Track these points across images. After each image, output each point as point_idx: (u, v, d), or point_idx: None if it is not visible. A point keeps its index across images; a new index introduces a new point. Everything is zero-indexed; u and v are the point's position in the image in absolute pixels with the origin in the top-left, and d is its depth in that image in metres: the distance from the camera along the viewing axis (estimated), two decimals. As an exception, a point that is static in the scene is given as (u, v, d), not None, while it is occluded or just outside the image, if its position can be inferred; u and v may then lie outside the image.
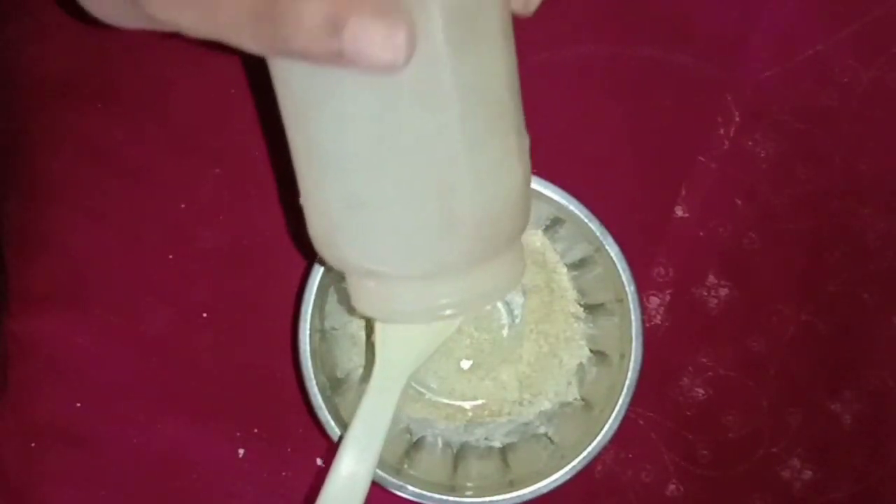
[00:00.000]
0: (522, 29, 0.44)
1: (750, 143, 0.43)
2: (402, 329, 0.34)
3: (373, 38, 0.21)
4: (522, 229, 0.30)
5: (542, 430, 0.40)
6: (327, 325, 0.38)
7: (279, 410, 0.42)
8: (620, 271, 0.37)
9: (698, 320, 0.43)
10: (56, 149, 0.43)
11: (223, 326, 0.42)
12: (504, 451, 0.40)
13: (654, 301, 0.43)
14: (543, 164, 0.40)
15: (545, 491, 0.36)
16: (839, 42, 0.44)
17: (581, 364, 0.40)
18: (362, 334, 0.40)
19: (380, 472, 0.36)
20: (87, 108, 0.43)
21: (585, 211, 0.37)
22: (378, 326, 0.35)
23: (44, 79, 0.43)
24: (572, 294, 0.40)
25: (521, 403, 0.40)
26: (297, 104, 0.27)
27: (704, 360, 0.43)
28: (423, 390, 0.41)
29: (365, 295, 0.31)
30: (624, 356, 0.37)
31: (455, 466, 0.39)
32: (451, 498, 0.36)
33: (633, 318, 0.36)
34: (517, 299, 0.41)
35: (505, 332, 0.41)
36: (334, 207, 0.28)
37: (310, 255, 0.39)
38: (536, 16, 0.44)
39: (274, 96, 0.29)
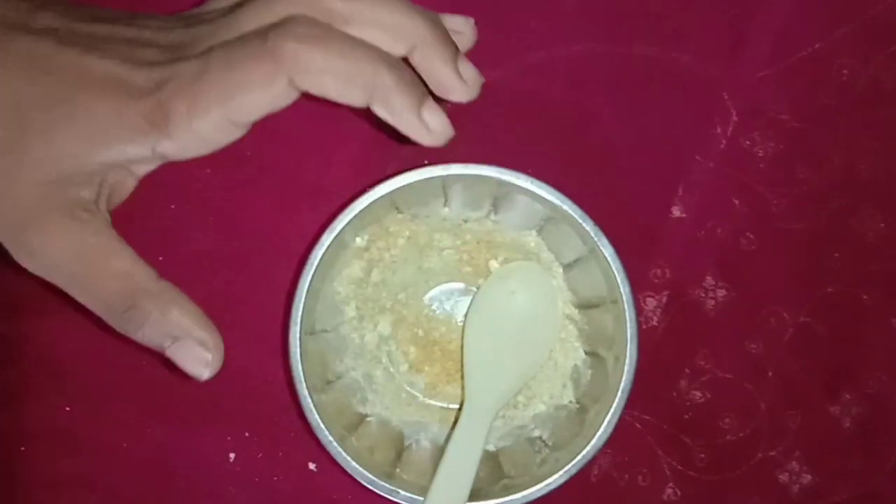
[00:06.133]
0: (518, 28, 0.44)
1: (747, 143, 0.43)
2: (490, 369, 0.38)
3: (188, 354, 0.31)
4: None
5: (536, 433, 0.39)
6: (318, 327, 0.38)
7: (270, 414, 0.41)
8: (615, 272, 0.36)
9: (696, 322, 0.42)
10: (45, 149, 0.43)
11: (214, 329, 0.42)
12: (498, 454, 0.39)
13: (651, 302, 0.42)
14: (538, 163, 0.39)
15: (539, 495, 0.36)
16: (837, 40, 0.43)
17: (576, 366, 0.40)
18: (353, 336, 0.40)
19: (371, 477, 0.36)
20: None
21: (580, 211, 0.36)
22: (466, 369, 0.39)
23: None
24: (567, 295, 0.40)
25: (515, 406, 0.40)
26: None
27: (702, 362, 0.42)
28: (416, 393, 0.40)
29: None
30: (619, 358, 0.36)
31: (448, 470, 0.39)
32: (443, 502, 0.36)
33: (627, 319, 0.36)
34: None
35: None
36: None
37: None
38: (532, 15, 0.44)
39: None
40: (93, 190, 0.30)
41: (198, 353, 0.31)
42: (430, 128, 0.31)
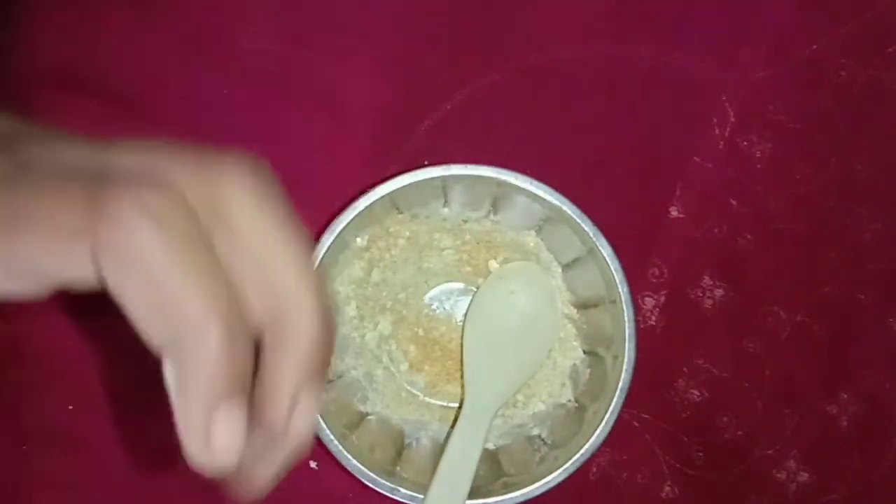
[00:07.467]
0: (518, 29, 0.44)
1: (745, 144, 0.43)
2: (489, 368, 0.38)
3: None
4: None
5: (535, 431, 0.40)
6: (319, 326, 0.38)
7: (271, 412, 0.41)
8: (613, 272, 0.36)
9: (693, 321, 0.42)
10: (47, 149, 0.43)
11: (215, 328, 0.42)
12: (497, 452, 0.39)
13: (649, 302, 0.42)
14: (537, 164, 0.40)
15: (539, 493, 0.36)
16: (834, 42, 0.43)
17: (575, 365, 0.40)
18: (354, 335, 0.40)
19: (372, 475, 0.36)
20: (80, 108, 0.43)
21: (578, 211, 0.37)
22: (466, 368, 0.39)
23: (37, 77, 0.43)
24: (566, 295, 0.40)
25: (514, 405, 0.40)
26: None
27: (700, 361, 0.42)
28: (416, 392, 0.41)
29: None
30: (617, 357, 0.36)
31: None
32: (443, 500, 0.36)
33: (626, 319, 0.36)
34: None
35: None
36: None
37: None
38: (531, 16, 0.44)
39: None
40: None
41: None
42: (213, 438, 0.21)
